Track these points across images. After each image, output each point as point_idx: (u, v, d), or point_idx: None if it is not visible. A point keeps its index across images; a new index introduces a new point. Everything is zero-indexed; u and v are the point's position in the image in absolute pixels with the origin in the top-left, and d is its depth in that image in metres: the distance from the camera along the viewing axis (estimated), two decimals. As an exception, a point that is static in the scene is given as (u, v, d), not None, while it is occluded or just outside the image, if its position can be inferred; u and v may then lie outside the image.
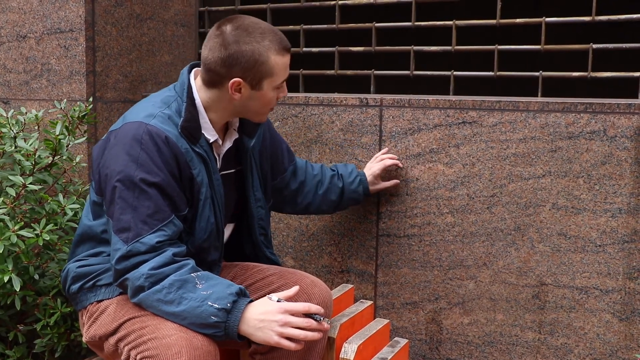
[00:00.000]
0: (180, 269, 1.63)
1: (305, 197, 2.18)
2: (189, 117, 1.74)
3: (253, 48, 1.69)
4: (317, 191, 2.18)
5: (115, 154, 1.68)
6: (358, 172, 2.26)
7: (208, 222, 1.78)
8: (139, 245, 1.63)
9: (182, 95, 1.77)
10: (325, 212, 2.29)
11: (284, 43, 1.75)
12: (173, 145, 1.69)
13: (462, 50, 2.44)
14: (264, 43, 1.70)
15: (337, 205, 2.24)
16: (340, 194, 2.21)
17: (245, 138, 1.92)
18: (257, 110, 1.81)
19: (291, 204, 2.20)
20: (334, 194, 2.20)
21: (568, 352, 2.17)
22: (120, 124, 1.74)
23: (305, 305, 1.63)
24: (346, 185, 2.21)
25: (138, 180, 1.64)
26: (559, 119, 2.12)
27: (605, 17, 2.23)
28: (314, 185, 2.18)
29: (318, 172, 2.20)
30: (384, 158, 2.29)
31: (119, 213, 1.65)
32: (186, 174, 1.72)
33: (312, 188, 2.18)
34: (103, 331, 1.73)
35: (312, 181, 2.18)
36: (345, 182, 2.22)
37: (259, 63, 1.70)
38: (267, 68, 1.72)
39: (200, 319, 1.59)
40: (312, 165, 2.22)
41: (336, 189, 2.21)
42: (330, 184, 2.20)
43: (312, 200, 2.19)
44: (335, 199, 2.21)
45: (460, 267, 2.29)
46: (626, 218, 2.06)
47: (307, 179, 2.18)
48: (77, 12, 2.59)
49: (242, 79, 1.71)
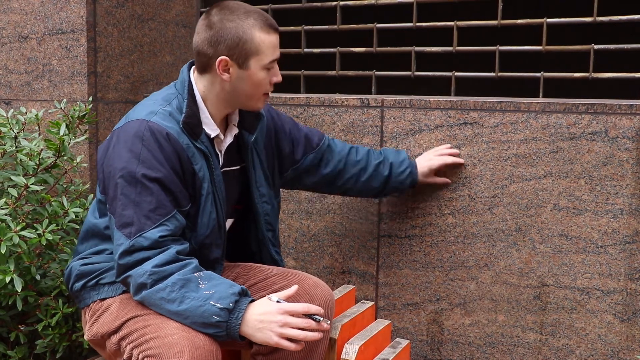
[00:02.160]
0: (184, 267, 1.64)
1: (346, 182, 2.15)
2: (190, 113, 1.75)
3: (236, 25, 1.71)
4: (359, 178, 2.15)
5: (118, 151, 1.70)
6: (410, 162, 2.20)
7: (210, 217, 1.79)
8: (142, 240, 1.64)
9: (183, 91, 1.79)
10: (366, 196, 2.27)
11: (270, 21, 1.75)
12: (174, 142, 1.70)
13: (463, 51, 2.44)
14: (248, 21, 1.72)
15: (379, 193, 2.21)
16: (385, 182, 2.17)
17: (245, 133, 1.91)
18: (248, 93, 1.78)
19: (328, 186, 2.18)
20: (377, 182, 2.16)
21: (569, 353, 2.17)
22: (123, 122, 1.76)
23: (304, 305, 1.63)
24: (394, 175, 2.17)
25: (140, 175, 1.66)
26: (561, 120, 2.12)
27: (607, 18, 2.23)
28: (356, 171, 2.15)
29: (362, 158, 2.16)
30: (445, 153, 2.23)
31: (122, 209, 1.66)
32: (188, 169, 1.73)
33: (353, 175, 2.15)
34: (105, 329, 1.73)
35: (354, 167, 2.15)
36: (393, 171, 2.17)
37: (242, 40, 1.71)
38: (253, 46, 1.72)
39: (202, 319, 1.59)
40: (357, 150, 2.17)
41: (380, 177, 2.16)
42: (375, 171, 2.16)
43: (352, 185, 2.16)
44: (378, 186, 2.17)
45: (462, 267, 2.29)
46: (627, 219, 2.06)
47: (347, 165, 2.14)
48: (79, 13, 2.59)
49: (229, 57, 1.73)
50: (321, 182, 2.15)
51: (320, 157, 2.12)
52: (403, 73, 2.54)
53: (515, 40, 2.84)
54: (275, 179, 2.05)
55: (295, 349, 1.61)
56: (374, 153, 2.20)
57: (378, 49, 2.59)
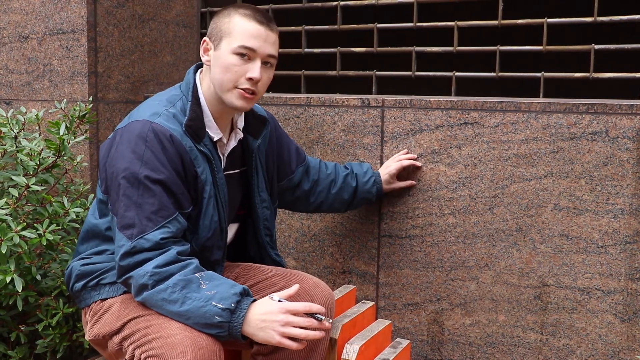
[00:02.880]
0: (185, 268, 1.64)
1: (318, 196, 2.19)
2: (193, 115, 1.75)
3: (228, 9, 1.76)
4: (330, 190, 2.19)
5: (121, 152, 1.69)
6: (373, 172, 2.27)
7: (212, 220, 1.79)
8: (143, 242, 1.64)
9: (187, 94, 1.79)
10: (337, 211, 2.30)
11: (256, 13, 1.74)
12: (177, 144, 1.70)
13: (463, 51, 2.44)
14: (240, 9, 1.75)
15: (349, 204, 2.25)
16: (354, 193, 2.22)
17: (250, 138, 1.93)
18: (219, 79, 1.75)
19: (304, 203, 2.21)
20: (347, 193, 2.21)
21: (570, 353, 2.17)
22: (126, 122, 1.76)
23: (306, 304, 1.63)
24: (360, 185, 2.22)
25: (142, 177, 1.65)
26: (561, 120, 2.12)
27: (607, 18, 2.23)
28: (327, 184, 2.19)
29: (332, 172, 2.21)
30: (402, 159, 2.29)
31: (124, 210, 1.66)
32: (190, 172, 1.73)
33: (325, 187, 2.19)
34: (107, 330, 1.73)
35: (326, 180, 2.19)
36: (359, 181, 2.22)
37: (222, 21, 1.75)
38: (227, 27, 1.74)
39: (204, 319, 1.59)
40: (325, 165, 2.22)
41: (349, 188, 2.21)
42: (344, 183, 2.20)
43: (324, 199, 2.20)
44: (348, 198, 2.22)
45: (462, 268, 2.29)
46: (628, 219, 2.06)
47: (320, 178, 2.19)
48: (79, 13, 2.59)
49: (209, 37, 1.77)
50: (300, 197, 2.19)
51: (304, 171, 2.17)
52: (403, 73, 2.54)
53: (516, 40, 2.84)
54: (274, 185, 2.07)
55: (298, 347, 1.62)
56: (340, 166, 2.25)
57: (378, 49, 2.59)
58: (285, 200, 2.19)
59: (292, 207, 2.24)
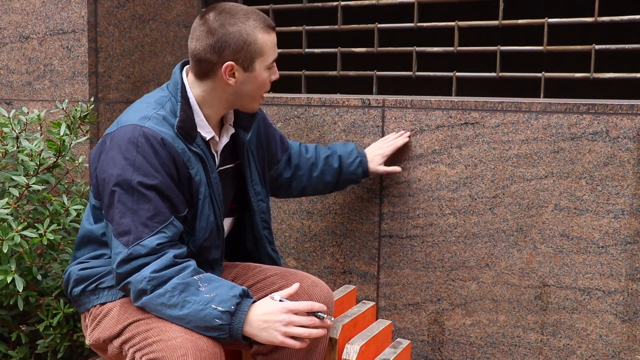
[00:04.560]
0: (182, 271, 1.63)
1: (300, 180, 2.17)
2: (184, 117, 1.73)
3: (240, 29, 1.69)
4: (312, 174, 2.17)
5: (112, 158, 1.67)
6: (358, 152, 2.22)
7: (208, 220, 1.78)
8: (140, 248, 1.63)
9: (176, 94, 1.76)
10: (322, 193, 2.27)
11: (268, 21, 1.75)
12: (169, 147, 1.68)
13: (464, 51, 2.44)
14: (249, 23, 1.71)
15: (334, 186, 2.22)
16: (337, 175, 2.19)
17: (241, 132, 1.91)
18: (252, 94, 1.78)
19: (286, 189, 2.19)
20: (329, 175, 2.18)
21: (570, 354, 2.17)
22: (115, 127, 1.73)
23: (307, 303, 1.63)
24: (344, 166, 2.19)
25: (136, 183, 1.64)
26: (562, 120, 2.12)
27: (608, 18, 2.23)
28: (308, 168, 2.17)
29: (312, 155, 2.18)
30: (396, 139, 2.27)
31: (119, 217, 1.65)
32: (184, 174, 1.72)
33: (305, 172, 2.17)
34: (107, 334, 1.72)
35: (306, 164, 2.17)
36: (343, 163, 2.19)
37: (247, 43, 1.70)
38: (257, 47, 1.71)
39: (205, 322, 1.59)
40: (306, 148, 2.19)
41: (331, 170, 2.18)
42: (325, 165, 2.17)
43: (307, 183, 2.18)
44: (331, 180, 2.19)
45: (463, 268, 2.29)
46: (628, 219, 2.06)
47: (300, 162, 2.17)
48: (80, 13, 2.59)
49: (234, 62, 1.71)
50: (283, 184, 2.18)
51: (287, 159, 2.16)
52: (404, 73, 2.54)
53: (516, 41, 2.84)
54: (266, 176, 2.06)
55: (300, 346, 1.62)
56: (321, 148, 2.22)
57: (379, 49, 2.59)
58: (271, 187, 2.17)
59: (276, 193, 2.22)
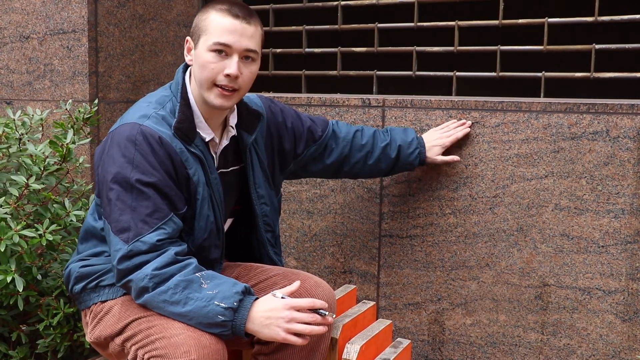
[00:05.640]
0: (184, 268, 1.64)
1: (353, 167, 2.15)
2: (182, 117, 1.73)
3: (207, 6, 1.75)
4: (367, 161, 2.15)
5: (111, 156, 1.69)
6: (418, 141, 2.19)
7: (207, 221, 1.78)
8: (140, 245, 1.63)
9: (177, 94, 1.77)
10: (374, 177, 2.30)
11: (233, 8, 1.70)
12: (167, 146, 1.69)
13: (464, 50, 2.44)
14: (216, 4, 1.73)
15: (387, 173, 2.22)
16: (393, 164, 2.17)
17: (244, 134, 1.90)
18: (197, 77, 1.74)
19: (335, 172, 2.18)
20: (384, 163, 2.16)
21: (571, 353, 2.17)
22: (116, 125, 1.75)
23: (309, 300, 1.64)
24: (402, 157, 2.16)
25: (134, 181, 1.65)
26: (562, 120, 2.12)
27: (608, 18, 2.23)
28: (363, 156, 2.15)
29: (368, 141, 2.15)
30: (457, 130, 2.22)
31: (118, 214, 1.65)
32: (182, 173, 1.72)
33: (360, 159, 2.15)
34: (109, 332, 1.73)
35: (360, 152, 2.14)
36: (402, 153, 2.16)
37: (200, 19, 1.74)
38: (205, 23, 1.72)
39: (207, 319, 1.59)
40: (362, 133, 2.16)
41: (387, 159, 2.16)
42: (382, 154, 2.15)
43: (360, 169, 2.17)
44: (384, 168, 2.18)
45: (463, 267, 2.29)
46: (629, 219, 2.06)
47: (352, 150, 2.14)
48: (80, 13, 2.59)
49: (190, 37, 1.77)
50: (328, 169, 2.15)
51: (324, 147, 2.12)
52: (404, 73, 2.54)
53: (517, 40, 2.84)
54: (276, 177, 2.04)
55: (302, 343, 1.62)
56: (380, 135, 2.18)
57: (379, 49, 2.59)
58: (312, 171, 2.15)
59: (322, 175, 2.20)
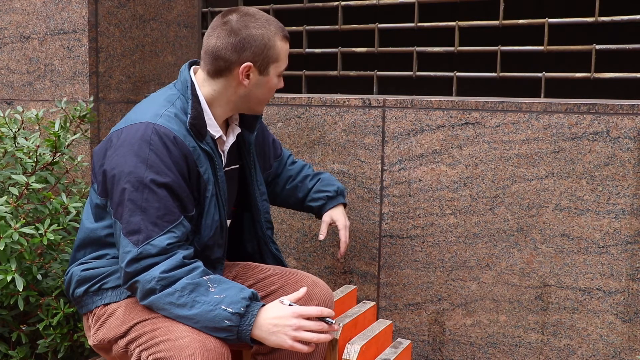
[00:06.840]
0: (192, 272, 1.63)
1: (275, 187, 2.20)
2: (196, 114, 1.74)
3: (263, 32, 1.74)
4: (286, 185, 2.19)
5: (123, 155, 1.67)
6: (336, 194, 2.17)
7: (213, 219, 1.78)
8: (150, 248, 1.62)
9: (186, 92, 1.77)
10: (291, 208, 2.27)
11: (285, 31, 1.82)
12: (181, 145, 1.69)
13: (464, 51, 2.44)
14: (271, 28, 1.76)
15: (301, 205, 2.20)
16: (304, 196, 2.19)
17: (246, 132, 1.93)
18: (260, 98, 1.82)
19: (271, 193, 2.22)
20: (302, 193, 2.19)
21: (571, 354, 2.17)
22: (123, 125, 1.73)
23: (318, 309, 1.63)
24: (313, 192, 2.17)
25: (148, 181, 1.64)
26: (562, 120, 2.12)
27: (609, 18, 2.23)
28: (285, 178, 2.20)
29: (293, 168, 2.21)
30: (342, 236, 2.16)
31: (128, 215, 1.65)
32: (194, 172, 1.73)
33: (281, 180, 2.20)
34: (112, 334, 1.72)
35: (285, 174, 2.20)
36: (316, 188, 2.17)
37: (267, 47, 1.75)
38: (275, 53, 1.77)
39: (214, 323, 1.59)
40: (293, 161, 2.23)
41: (304, 189, 2.19)
42: (302, 182, 2.19)
43: (279, 192, 2.20)
44: (301, 198, 2.19)
45: (463, 268, 2.29)
46: (629, 219, 2.06)
47: (282, 172, 2.20)
48: (80, 13, 2.59)
49: (253, 64, 1.75)
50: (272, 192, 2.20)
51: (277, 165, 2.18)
52: (405, 73, 2.54)
53: (517, 40, 2.84)
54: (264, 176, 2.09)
55: (308, 351, 1.62)
56: (308, 168, 2.23)
57: (379, 49, 2.59)
58: None
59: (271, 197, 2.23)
